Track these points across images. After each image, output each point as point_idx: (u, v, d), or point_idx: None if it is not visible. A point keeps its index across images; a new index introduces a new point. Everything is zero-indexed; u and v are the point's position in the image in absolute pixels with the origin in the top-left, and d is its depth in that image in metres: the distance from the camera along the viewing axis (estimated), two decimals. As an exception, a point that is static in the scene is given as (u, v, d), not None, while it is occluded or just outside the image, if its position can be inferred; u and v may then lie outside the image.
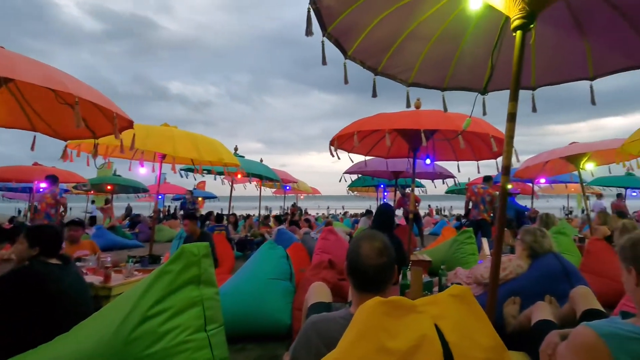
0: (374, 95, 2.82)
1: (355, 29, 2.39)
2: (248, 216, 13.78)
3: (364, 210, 12.82)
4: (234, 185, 7.86)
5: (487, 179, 7.00)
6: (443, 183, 8.49)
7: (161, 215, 15.40)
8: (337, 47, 2.45)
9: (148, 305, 1.55)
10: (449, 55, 2.69)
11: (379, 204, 12.81)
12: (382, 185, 11.11)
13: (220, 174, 7.81)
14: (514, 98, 1.84)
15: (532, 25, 1.78)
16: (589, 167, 6.42)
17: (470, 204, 7.01)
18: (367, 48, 2.56)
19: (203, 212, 13.02)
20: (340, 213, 26.28)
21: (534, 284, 2.71)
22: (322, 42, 2.26)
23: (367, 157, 5.85)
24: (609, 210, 9.02)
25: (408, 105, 3.06)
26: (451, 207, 28.25)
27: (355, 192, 15.07)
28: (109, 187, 11.88)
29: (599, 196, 11.90)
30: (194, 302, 1.73)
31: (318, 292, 1.93)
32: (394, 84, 2.98)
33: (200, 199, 15.41)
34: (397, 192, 8.70)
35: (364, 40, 2.47)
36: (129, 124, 3.15)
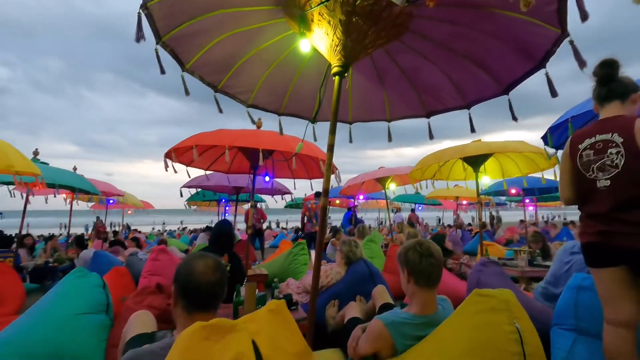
0: (220, 111, 2.81)
1: (194, 44, 2.34)
2: (51, 237, 11.03)
3: (204, 226, 12.23)
4: (29, 198, 6.16)
5: (319, 194, 7.88)
6: (282, 198, 9.04)
7: None
8: (174, 58, 2.34)
9: None
10: (285, 84, 2.95)
11: (220, 218, 12.49)
12: (223, 200, 10.90)
13: (7, 183, 6.00)
14: (332, 132, 2.18)
15: (346, 74, 2.16)
16: (392, 187, 8.13)
17: (305, 218, 7.74)
18: (207, 65, 2.54)
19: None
20: (178, 229, 24.20)
21: (349, 287, 3.20)
22: (156, 50, 2.11)
23: (208, 172, 5.68)
24: (406, 221, 11.64)
25: (253, 122, 3.19)
26: (287, 221, 30.12)
27: (195, 207, 14.24)
28: None
29: (398, 210, 15.15)
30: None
31: (138, 322, 1.75)
32: (238, 105, 3.06)
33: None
34: (250, 206, 8.73)
35: (203, 56, 2.44)
36: None
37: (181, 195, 6.87)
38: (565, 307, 2.32)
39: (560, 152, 4.13)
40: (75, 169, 7.27)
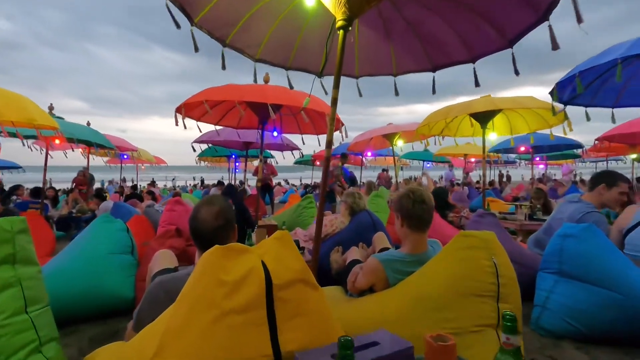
0: (223, 67, 2.88)
1: (201, -3, 2.37)
2: (72, 189, 11.56)
3: (216, 181, 12.60)
4: (50, 153, 6.43)
5: (345, 156, 7.93)
6: (292, 154, 9.20)
7: None
8: (182, 12, 2.39)
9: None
10: (292, 37, 2.97)
11: (231, 175, 12.81)
12: (234, 156, 11.12)
13: (29, 137, 6.26)
14: (336, 86, 2.26)
15: (350, 28, 2.20)
16: (400, 144, 8.17)
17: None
18: (215, 19, 2.58)
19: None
20: (190, 184, 24.87)
21: (352, 235, 3.43)
22: (167, 5, 2.16)
23: (218, 127, 5.82)
24: (376, 181, 11.79)
25: (255, 81, 3.25)
26: (300, 178, 30.50)
27: (206, 163, 14.56)
28: None
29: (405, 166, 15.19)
30: (9, 283, 1.55)
31: (163, 258, 1.99)
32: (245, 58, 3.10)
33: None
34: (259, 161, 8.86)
35: (211, 10, 2.48)
36: None
37: (194, 150, 7.09)
38: (551, 252, 2.51)
39: (570, 107, 4.13)
40: (89, 123, 7.47)
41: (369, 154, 10.69)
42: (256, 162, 13.82)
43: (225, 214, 1.51)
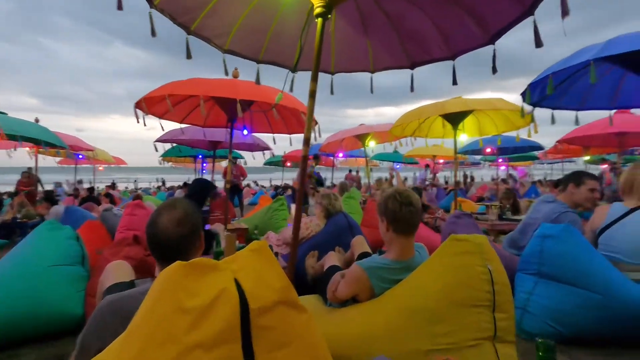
0: (188, 56, 2.61)
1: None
2: (16, 192, 10.56)
3: (182, 183, 12.03)
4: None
5: (317, 157, 7.69)
6: (263, 155, 8.89)
7: None
8: (140, -10, 2.12)
9: None
10: (264, 27, 2.76)
11: (197, 176, 12.27)
12: (200, 156, 10.64)
13: (-37, 135, 5.56)
14: (314, 78, 2.09)
15: (330, 15, 2.03)
16: (372, 145, 8.14)
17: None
18: (178, 1, 2.32)
19: None
20: (153, 186, 23.69)
21: (328, 238, 3.27)
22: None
23: (183, 125, 5.46)
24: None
25: (226, 73, 3.00)
26: (270, 179, 29.96)
27: (171, 163, 13.88)
28: None
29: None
30: None
31: (116, 271, 1.73)
32: (210, 50, 2.84)
33: None
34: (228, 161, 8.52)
35: (173, -10, 2.22)
36: None
37: (156, 150, 6.65)
38: (531, 253, 2.47)
39: (536, 110, 4.21)
40: (37, 120, 6.80)
41: (341, 154, 10.62)
42: (224, 163, 13.36)
43: (190, 220, 1.30)
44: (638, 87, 3.90)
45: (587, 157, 11.21)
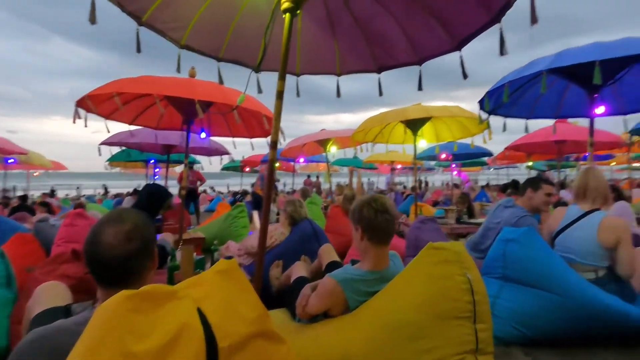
0: (138, 50, 2.35)
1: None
2: None
3: (132, 189, 11.22)
4: None
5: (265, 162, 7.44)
6: (221, 159, 8.50)
7: None
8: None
9: None
10: (226, 22, 2.57)
11: (148, 182, 11.50)
12: (152, 161, 9.97)
13: None
14: (282, 77, 1.95)
15: (298, 11, 1.92)
16: (333, 150, 8.13)
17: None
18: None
19: None
20: (99, 193, 21.92)
21: (293, 247, 3.12)
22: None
23: (133, 127, 5.03)
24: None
25: (178, 70, 2.76)
26: (227, 185, 29.02)
27: (119, 168, 12.92)
28: None
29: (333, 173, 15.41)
30: None
31: (47, 294, 1.46)
32: (164, 49, 2.60)
33: None
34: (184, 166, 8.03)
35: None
36: None
37: (99, 154, 6.08)
38: (494, 257, 2.51)
39: (492, 117, 4.41)
40: (-44, 119, 5.94)
41: (302, 160, 10.51)
42: (179, 168, 12.67)
43: (141, 234, 1.08)
44: (579, 99, 4.21)
45: (530, 163, 12.11)
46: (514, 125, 5.00)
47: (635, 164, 14.52)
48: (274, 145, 1.92)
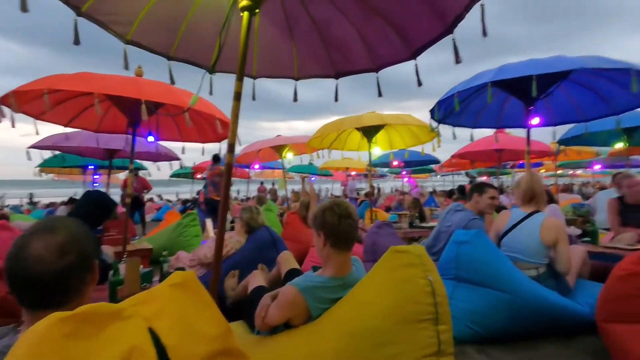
0: (76, 42, 2.13)
1: None
2: None
3: (67, 198, 10.19)
4: None
5: (216, 158, 7.04)
6: (170, 165, 8.02)
7: None
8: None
9: None
10: (178, 17, 2.43)
11: (85, 189, 10.54)
12: (92, 167, 9.17)
13: None
14: (240, 78, 1.87)
15: (257, 10, 1.85)
16: (289, 156, 8.05)
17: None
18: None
19: None
20: (26, 203, 19.65)
21: (250, 256, 3.00)
22: None
23: (70, 129, 4.57)
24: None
25: (126, 67, 2.54)
26: (177, 193, 27.58)
27: (52, 175, 11.73)
28: None
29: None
30: None
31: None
32: (108, 46, 2.38)
33: None
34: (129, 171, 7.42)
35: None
36: None
37: (29, 159, 5.44)
38: (448, 259, 2.60)
39: (441, 126, 4.64)
40: None
41: (257, 166, 10.30)
42: (122, 175, 11.78)
43: (77, 247, 0.93)
44: (517, 110, 4.58)
45: (470, 171, 13.01)
46: (460, 134, 5.33)
47: (560, 171, 16.21)
48: (231, 148, 1.82)
